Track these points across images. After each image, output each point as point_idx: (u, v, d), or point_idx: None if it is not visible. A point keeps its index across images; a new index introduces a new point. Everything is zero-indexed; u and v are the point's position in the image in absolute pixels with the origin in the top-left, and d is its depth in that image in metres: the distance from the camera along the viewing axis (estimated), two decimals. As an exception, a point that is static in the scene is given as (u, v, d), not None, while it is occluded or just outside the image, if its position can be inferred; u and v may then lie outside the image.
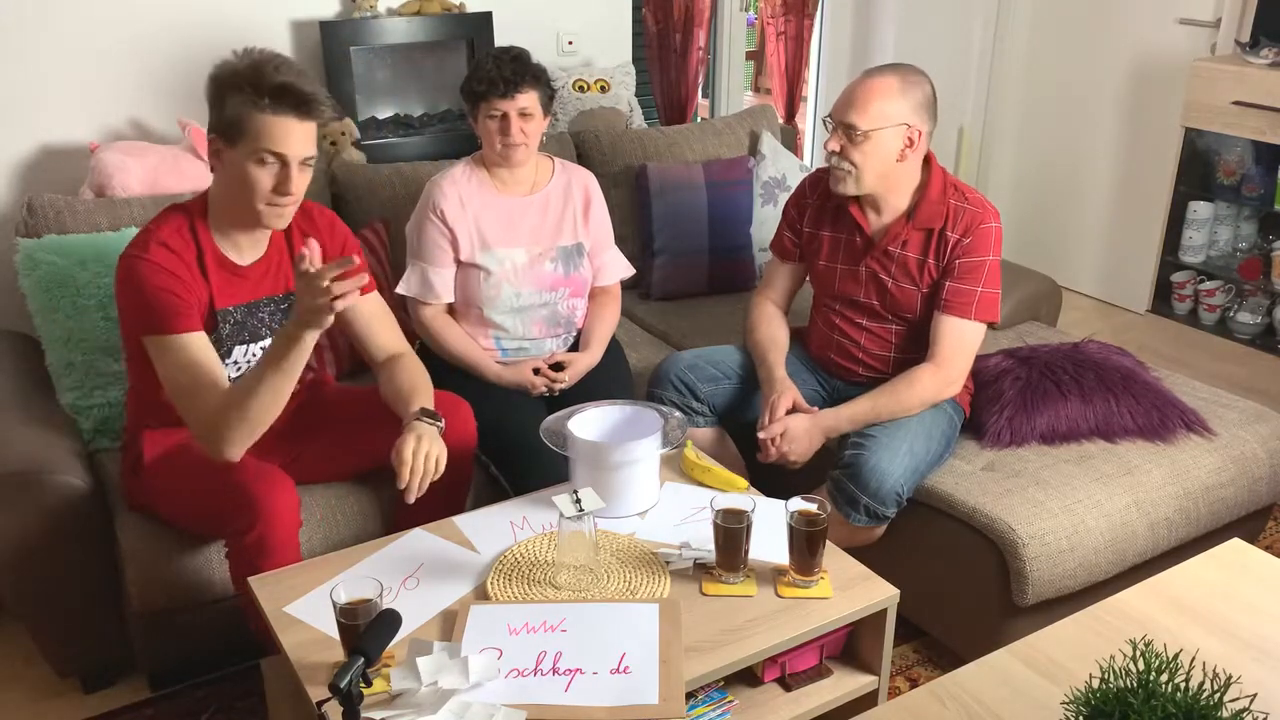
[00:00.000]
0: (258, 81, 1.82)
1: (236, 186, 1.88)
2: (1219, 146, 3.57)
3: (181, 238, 1.92)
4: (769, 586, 1.77)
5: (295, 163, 1.86)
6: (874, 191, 2.28)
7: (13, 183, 2.71)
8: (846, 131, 2.20)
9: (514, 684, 1.54)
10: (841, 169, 2.23)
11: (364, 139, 3.04)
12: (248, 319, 2.02)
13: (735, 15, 4.30)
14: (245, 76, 1.83)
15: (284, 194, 1.87)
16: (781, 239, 2.50)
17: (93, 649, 2.20)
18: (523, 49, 2.39)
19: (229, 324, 1.99)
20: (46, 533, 2.02)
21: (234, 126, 1.84)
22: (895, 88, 2.19)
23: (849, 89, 2.24)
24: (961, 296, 2.25)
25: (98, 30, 2.72)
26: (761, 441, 2.26)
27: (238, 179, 1.87)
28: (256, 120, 1.83)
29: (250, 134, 1.83)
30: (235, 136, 1.85)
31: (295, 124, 1.84)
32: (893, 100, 2.19)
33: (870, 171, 2.22)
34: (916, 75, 2.24)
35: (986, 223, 2.25)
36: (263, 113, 1.82)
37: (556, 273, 2.46)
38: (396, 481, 1.89)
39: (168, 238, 1.90)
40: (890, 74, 2.22)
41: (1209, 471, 2.31)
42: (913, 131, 2.21)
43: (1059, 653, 1.55)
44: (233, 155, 1.86)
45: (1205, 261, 3.67)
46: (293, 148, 1.85)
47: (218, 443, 1.85)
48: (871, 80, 2.22)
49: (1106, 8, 4.16)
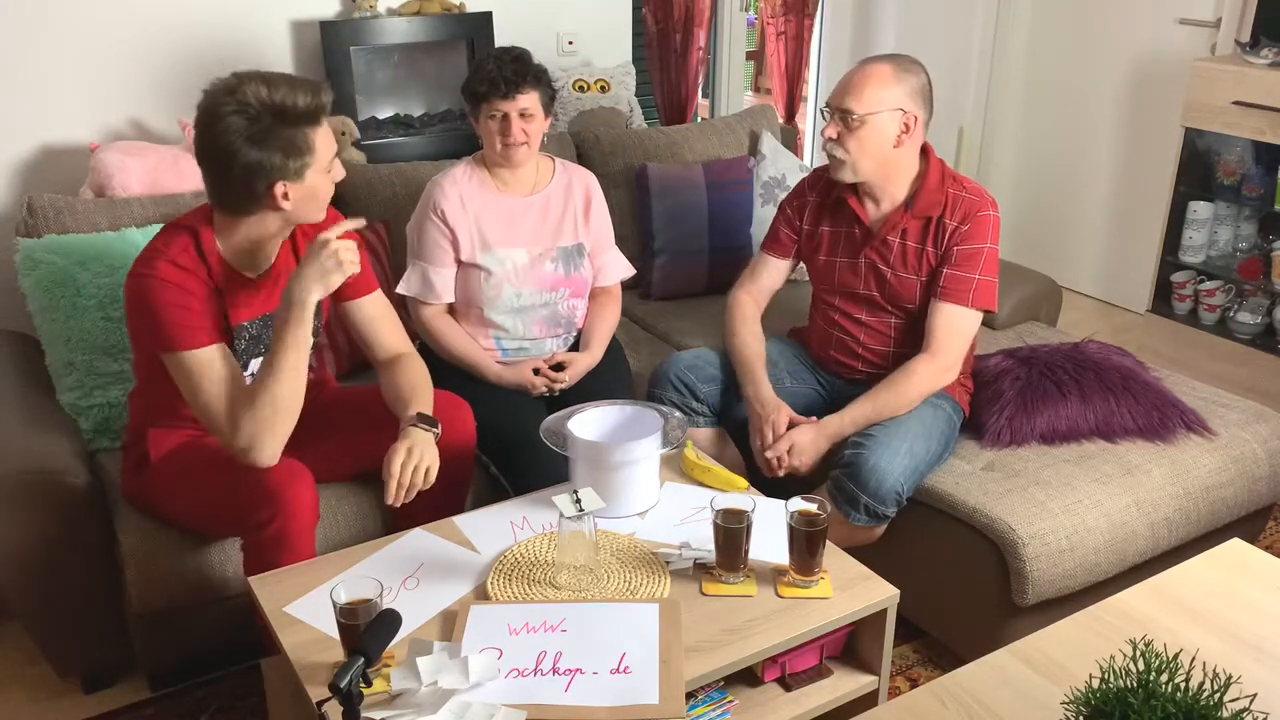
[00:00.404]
0: (246, 109, 1.81)
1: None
2: (1219, 146, 3.57)
3: (190, 256, 1.90)
4: (769, 586, 1.77)
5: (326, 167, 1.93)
6: (871, 179, 2.29)
7: (13, 183, 2.72)
8: (843, 117, 2.22)
9: (514, 684, 1.54)
10: (838, 155, 2.25)
11: (364, 139, 3.04)
12: (263, 332, 2.02)
13: (735, 15, 4.30)
14: (236, 107, 1.81)
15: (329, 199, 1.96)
16: (777, 234, 2.49)
17: (93, 649, 2.20)
18: (524, 49, 2.39)
19: (245, 339, 1.99)
20: (46, 533, 2.02)
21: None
22: (890, 74, 2.22)
23: (845, 77, 2.27)
24: (959, 284, 2.25)
25: (98, 30, 2.72)
26: (767, 460, 2.26)
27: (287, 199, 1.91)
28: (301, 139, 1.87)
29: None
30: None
31: (315, 131, 1.90)
32: (888, 86, 2.21)
33: (867, 157, 2.24)
34: (912, 64, 2.27)
35: (985, 210, 2.26)
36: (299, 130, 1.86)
37: (557, 273, 2.46)
38: (385, 495, 1.91)
39: (176, 256, 1.88)
40: (886, 61, 2.25)
41: (1209, 471, 2.31)
42: (908, 117, 2.22)
43: (1059, 653, 1.55)
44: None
45: (1205, 261, 3.67)
46: (323, 156, 1.91)
47: (253, 443, 1.85)
48: (867, 67, 2.25)
49: (1106, 8, 4.16)
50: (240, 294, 1.97)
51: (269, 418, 1.84)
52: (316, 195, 1.91)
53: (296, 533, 1.88)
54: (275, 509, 1.85)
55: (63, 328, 2.32)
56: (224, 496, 1.93)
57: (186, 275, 1.88)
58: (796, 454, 2.24)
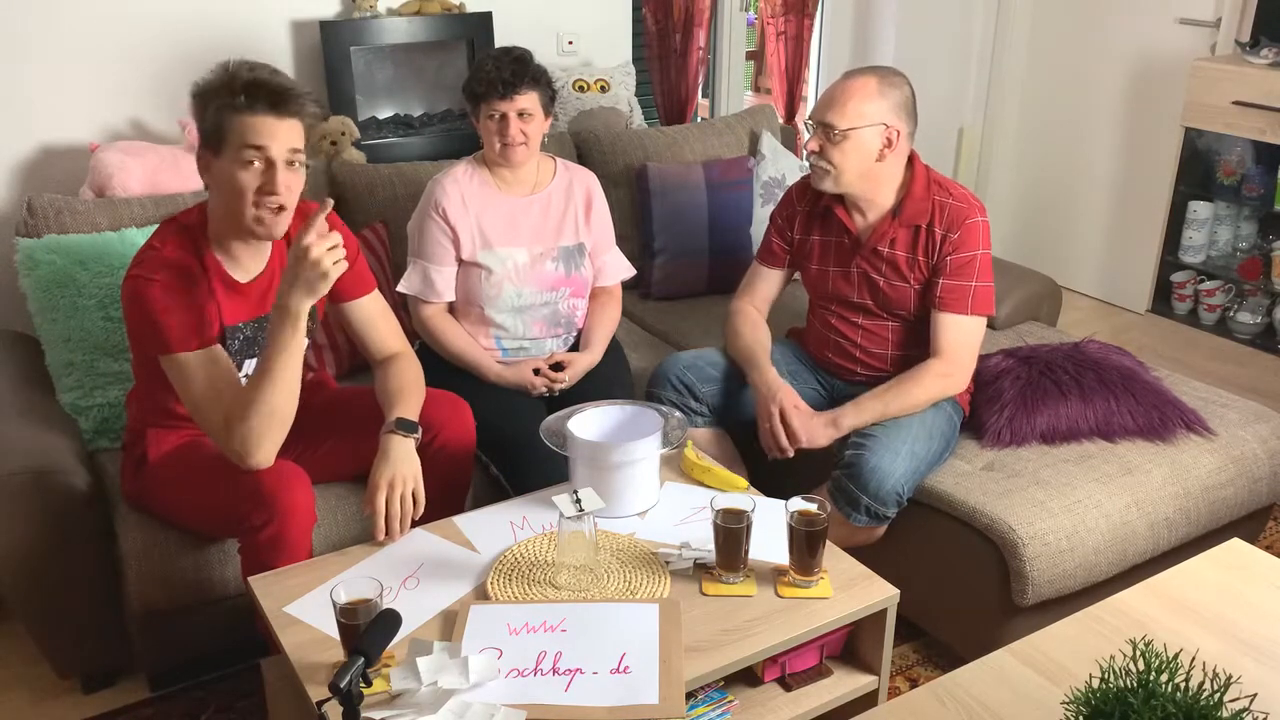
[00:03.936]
0: (231, 83, 1.84)
1: (228, 195, 1.88)
2: (1219, 146, 3.57)
3: (185, 257, 1.91)
4: (769, 586, 1.77)
5: (280, 161, 1.85)
6: (855, 191, 2.29)
7: (13, 183, 2.71)
8: (825, 131, 2.23)
9: (514, 684, 1.54)
10: (821, 167, 2.26)
11: (364, 139, 3.04)
12: (257, 334, 2.02)
13: (735, 15, 4.30)
14: (219, 82, 1.85)
15: (270, 193, 1.85)
16: (770, 245, 2.50)
17: (93, 649, 2.19)
18: (525, 50, 2.39)
19: (238, 340, 1.99)
20: (46, 533, 2.02)
21: (215, 133, 1.85)
22: (874, 88, 2.22)
23: (828, 91, 2.27)
24: (956, 293, 2.25)
25: (98, 30, 2.72)
26: (773, 440, 2.26)
27: (226, 186, 1.87)
28: (234, 121, 1.83)
29: (231, 137, 1.84)
30: (218, 143, 1.86)
31: (273, 120, 1.84)
32: (871, 100, 2.21)
33: (849, 170, 2.24)
34: (895, 77, 2.26)
35: (972, 217, 2.26)
36: (239, 113, 1.83)
37: (558, 272, 2.46)
38: (373, 533, 1.89)
39: (172, 256, 1.90)
40: (869, 75, 2.25)
41: (1209, 471, 2.31)
42: (891, 131, 2.23)
43: (1059, 653, 1.55)
44: (219, 164, 1.87)
45: (1205, 261, 3.67)
46: (274, 143, 1.84)
47: (247, 446, 1.84)
48: (850, 81, 2.24)
49: (1106, 8, 4.16)
50: (234, 295, 1.98)
51: (264, 422, 1.83)
52: (232, 185, 1.85)
53: (293, 535, 1.88)
54: (271, 512, 1.85)
55: (63, 328, 2.32)
56: (221, 498, 1.93)
57: (182, 277, 1.88)
58: (810, 441, 2.23)
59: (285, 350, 1.83)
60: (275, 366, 1.83)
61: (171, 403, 2.00)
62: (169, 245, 1.91)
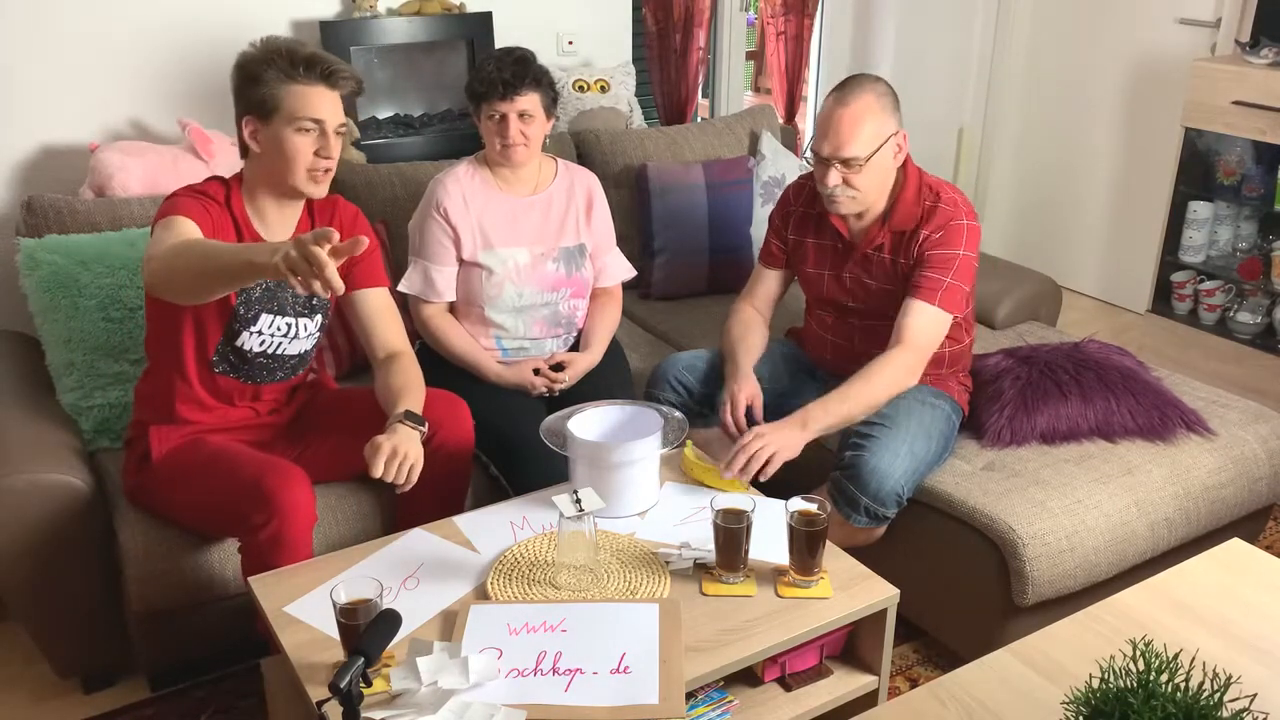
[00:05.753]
0: (291, 56, 1.94)
1: (278, 160, 1.97)
2: (1219, 146, 3.57)
3: (219, 200, 2.00)
4: (769, 586, 1.77)
5: (331, 128, 1.96)
6: (870, 201, 2.29)
7: (13, 183, 2.71)
8: (847, 164, 2.20)
9: (514, 684, 1.54)
10: (847, 197, 2.24)
11: (364, 139, 3.04)
12: (278, 289, 2.06)
13: (735, 15, 4.30)
14: (276, 54, 1.94)
15: (325, 157, 1.97)
16: (769, 246, 2.50)
17: (93, 649, 2.20)
18: (527, 51, 2.39)
19: (260, 286, 2.02)
20: (46, 533, 2.02)
21: (269, 102, 1.94)
22: (874, 105, 2.20)
23: (833, 125, 2.19)
24: (929, 283, 2.24)
25: (98, 30, 2.72)
26: (737, 428, 2.22)
27: (279, 151, 1.96)
28: (292, 91, 1.93)
29: (287, 105, 1.93)
30: (271, 111, 1.94)
31: (326, 92, 1.96)
32: (876, 118, 2.19)
33: (874, 189, 2.25)
34: (878, 82, 2.25)
35: (959, 220, 2.26)
36: (297, 83, 1.93)
37: (559, 273, 2.46)
38: (370, 470, 1.87)
39: (211, 191, 2.00)
40: (862, 93, 2.20)
41: (1209, 471, 2.31)
42: (899, 137, 2.24)
43: (1059, 653, 1.55)
44: (271, 130, 1.95)
45: (1205, 261, 3.67)
46: (328, 114, 1.96)
47: (148, 264, 1.81)
48: (849, 108, 2.18)
49: (1106, 8, 4.16)
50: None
51: (169, 255, 1.76)
52: (286, 150, 1.95)
53: (293, 535, 1.88)
54: (272, 511, 1.86)
55: (63, 328, 2.32)
56: (222, 497, 1.93)
57: (216, 206, 1.98)
58: (778, 456, 2.09)
59: (227, 269, 1.69)
60: (213, 259, 1.71)
61: (177, 401, 2.04)
62: (211, 186, 2.02)
